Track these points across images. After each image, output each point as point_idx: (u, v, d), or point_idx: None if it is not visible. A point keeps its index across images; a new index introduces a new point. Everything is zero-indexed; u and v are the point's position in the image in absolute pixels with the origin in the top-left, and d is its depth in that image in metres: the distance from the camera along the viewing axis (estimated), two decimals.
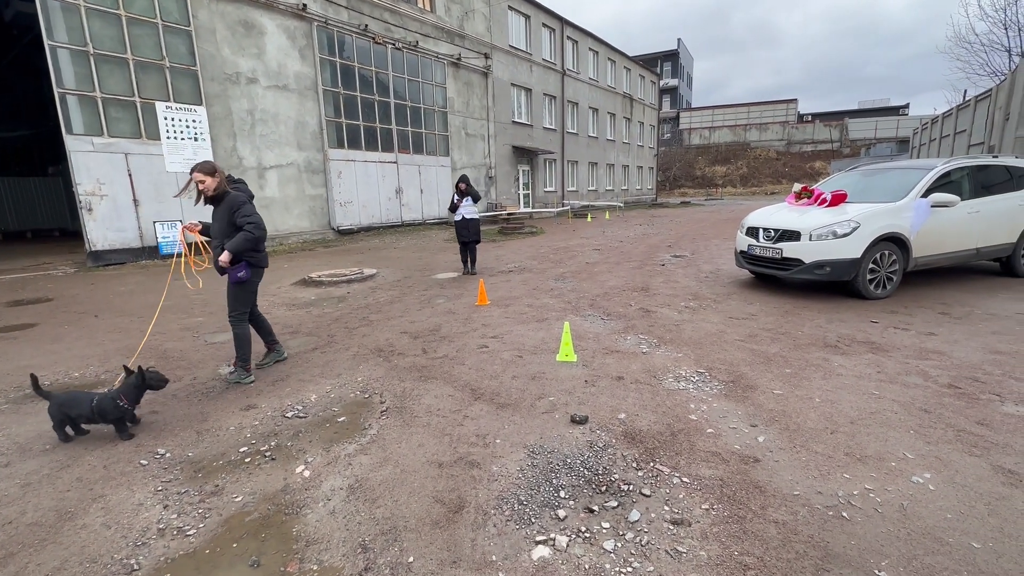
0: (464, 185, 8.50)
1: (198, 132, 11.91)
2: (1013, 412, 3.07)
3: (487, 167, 21.48)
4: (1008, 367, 3.77)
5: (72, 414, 3.03)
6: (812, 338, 4.61)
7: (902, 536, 2.04)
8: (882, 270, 5.85)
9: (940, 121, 20.00)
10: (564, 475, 2.57)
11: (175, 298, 7.41)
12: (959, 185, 6.27)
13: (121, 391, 3.10)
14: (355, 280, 8.37)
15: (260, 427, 3.23)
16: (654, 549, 2.03)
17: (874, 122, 54.50)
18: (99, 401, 3.02)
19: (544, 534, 2.13)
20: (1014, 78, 11.62)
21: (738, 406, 3.28)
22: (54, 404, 3.01)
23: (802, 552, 1.98)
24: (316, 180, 14.81)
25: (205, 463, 2.82)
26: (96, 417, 3.03)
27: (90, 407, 3.01)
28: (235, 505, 2.42)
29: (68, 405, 3.02)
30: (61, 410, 3.01)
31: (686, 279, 7.69)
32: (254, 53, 12.95)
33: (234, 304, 4.01)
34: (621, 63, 32.61)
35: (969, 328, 4.75)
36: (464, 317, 5.80)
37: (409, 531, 2.18)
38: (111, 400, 3.04)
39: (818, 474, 2.50)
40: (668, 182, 52.30)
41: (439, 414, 3.31)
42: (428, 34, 17.85)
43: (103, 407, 3.02)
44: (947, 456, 2.61)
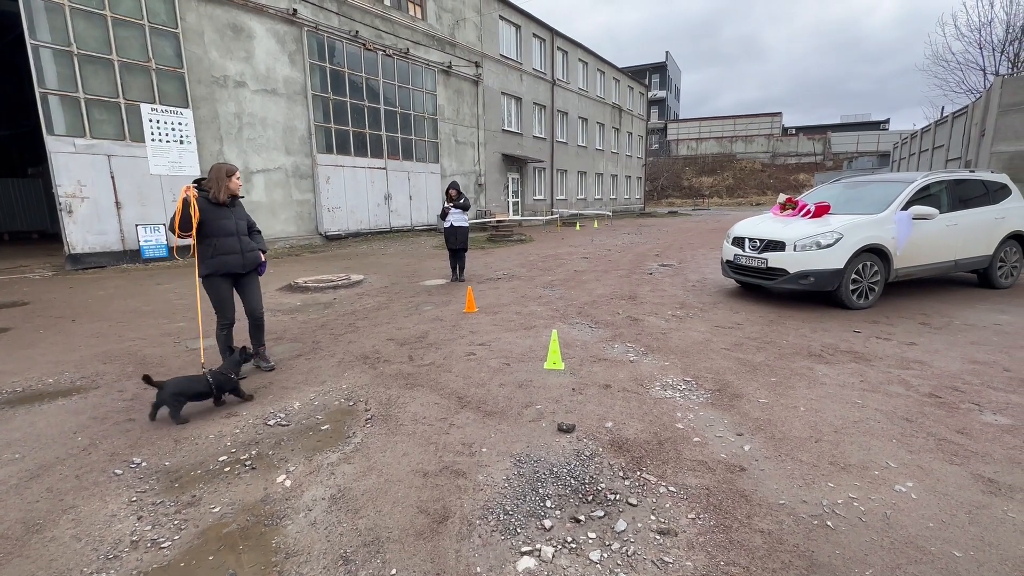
0: (454, 192, 8.42)
1: (184, 135, 11.76)
2: (992, 421, 3.12)
3: (477, 175, 21.52)
4: (986, 377, 3.84)
5: (190, 393, 3.39)
6: (797, 347, 4.66)
7: (886, 545, 2.05)
8: (864, 280, 5.95)
9: (919, 136, 20.52)
10: (550, 484, 2.54)
11: (156, 303, 7.26)
12: (938, 198, 6.42)
13: (227, 367, 3.60)
14: (342, 286, 8.29)
15: (241, 435, 3.16)
16: (640, 559, 2.01)
17: (856, 136, 55.82)
18: (215, 377, 3.49)
19: (530, 545, 2.10)
20: (989, 96, 11.98)
21: (724, 415, 3.29)
22: (168, 391, 3.30)
23: (787, 562, 1.97)
24: (304, 185, 14.70)
25: (182, 473, 2.74)
26: (214, 390, 3.47)
27: (208, 384, 3.44)
28: (212, 516, 2.35)
29: (185, 387, 3.37)
30: (176, 396, 3.31)
31: (673, 288, 7.74)
32: (242, 57, 12.86)
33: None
34: (610, 74, 33.02)
35: (948, 338, 4.84)
36: (452, 324, 5.76)
37: (392, 542, 2.13)
38: (223, 375, 3.53)
39: (803, 483, 2.50)
40: (656, 192, 52.87)
41: (425, 422, 3.27)
42: (419, 42, 17.90)
43: (220, 381, 3.51)
44: (929, 465, 2.64)
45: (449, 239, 8.53)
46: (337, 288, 8.17)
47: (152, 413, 3.35)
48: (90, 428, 3.28)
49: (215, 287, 3.97)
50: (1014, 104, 11.33)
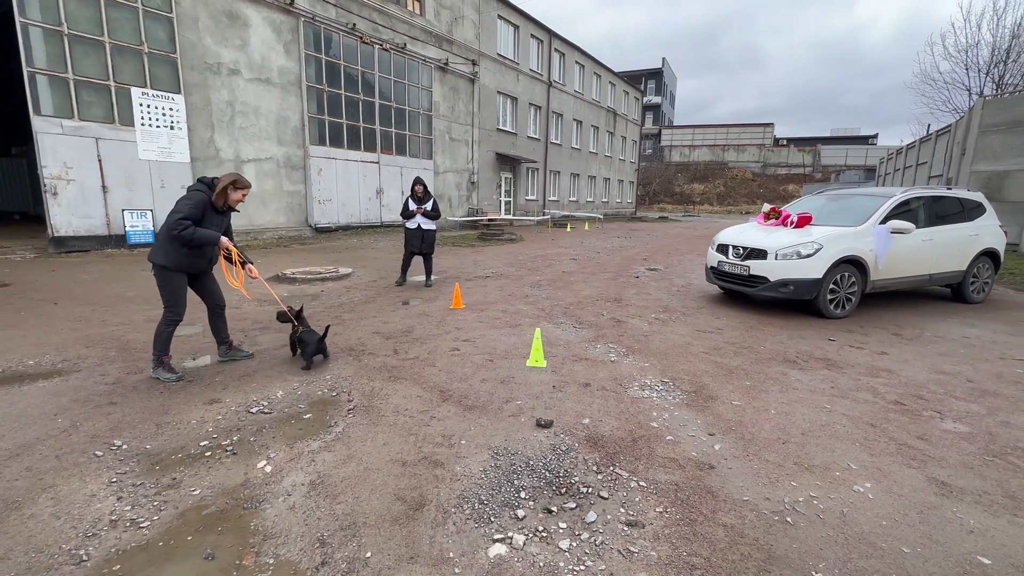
0: (420, 189, 7.62)
1: (175, 121, 11.64)
2: (951, 429, 3.27)
3: (470, 172, 21.55)
4: (950, 387, 4.00)
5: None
6: (773, 353, 4.79)
7: (840, 541, 2.16)
8: (842, 291, 6.11)
9: (904, 152, 20.98)
10: (526, 476, 2.62)
11: (141, 289, 7.22)
12: (915, 214, 6.61)
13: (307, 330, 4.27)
14: (330, 278, 8.29)
15: (223, 422, 3.19)
16: (607, 549, 2.10)
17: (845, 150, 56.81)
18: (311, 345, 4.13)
19: (502, 533, 2.18)
20: (971, 116, 12.32)
21: (698, 415, 3.40)
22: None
23: (747, 554, 2.07)
24: (295, 176, 14.62)
25: (163, 456, 2.77)
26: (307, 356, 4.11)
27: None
28: (192, 498, 2.39)
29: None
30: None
31: (658, 292, 7.87)
32: (237, 44, 12.76)
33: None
34: (606, 78, 33.21)
35: (918, 349, 5.01)
36: (438, 320, 5.82)
37: (368, 527, 2.19)
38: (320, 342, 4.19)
39: (767, 481, 2.61)
40: (648, 197, 53.27)
41: (406, 414, 3.33)
42: (416, 37, 17.88)
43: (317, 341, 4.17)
44: (887, 467, 2.76)
45: (414, 241, 7.70)
46: (325, 280, 8.18)
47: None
48: (71, 410, 3.29)
49: (171, 280, 3.75)
50: (994, 125, 11.66)
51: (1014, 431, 3.25)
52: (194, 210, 3.62)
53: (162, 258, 3.68)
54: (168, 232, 3.61)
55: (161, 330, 3.80)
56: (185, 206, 3.61)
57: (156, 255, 3.71)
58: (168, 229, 3.60)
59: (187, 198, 3.68)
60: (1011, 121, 11.32)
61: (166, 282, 3.75)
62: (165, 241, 3.67)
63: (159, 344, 3.81)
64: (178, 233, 3.54)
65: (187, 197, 3.69)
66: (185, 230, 3.54)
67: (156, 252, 3.71)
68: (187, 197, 3.69)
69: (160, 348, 3.81)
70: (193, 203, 3.63)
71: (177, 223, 3.53)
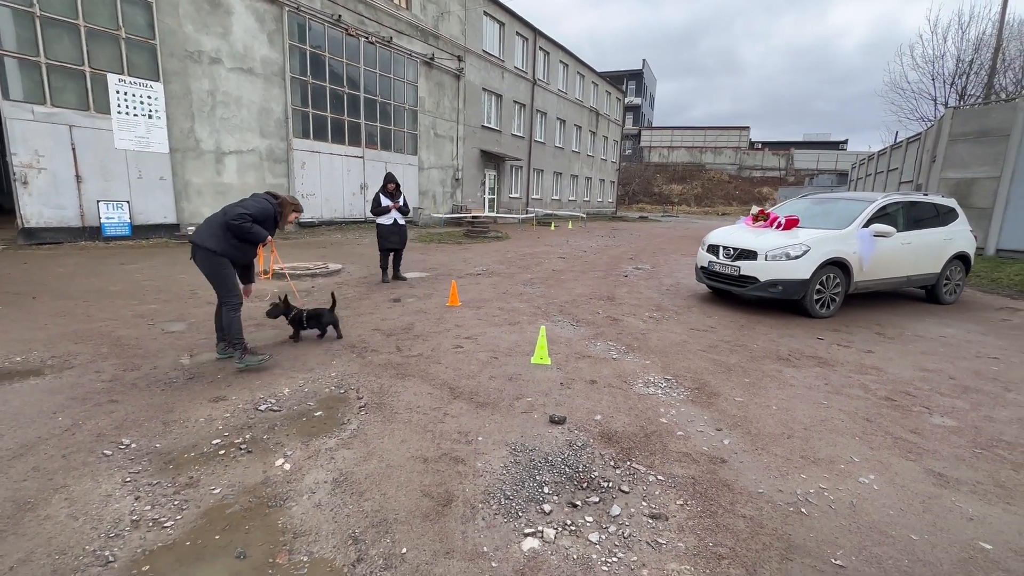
0: (393, 187, 7.65)
1: (153, 109, 11.26)
2: (940, 423, 3.44)
3: (455, 169, 21.45)
4: (935, 384, 4.21)
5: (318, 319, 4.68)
6: (766, 351, 4.95)
7: (853, 529, 2.27)
8: (827, 291, 6.34)
9: (876, 158, 21.77)
10: (547, 472, 2.66)
11: (123, 283, 6.98)
12: (894, 218, 6.90)
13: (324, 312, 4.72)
14: (320, 275, 8.17)
15: (232, 419, 3.14)
16: (636, 541, 2.15)
17: (817, 154, 58.51)
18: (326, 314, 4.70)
19: (532, 527, 2.21)
20: (941, 125, 12.87)
21: (704, 411, 3.50)
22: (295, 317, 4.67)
23: (768, 543, 2.16)
24: (278, 169, 14.31)
25: (175, 455, 2.72)
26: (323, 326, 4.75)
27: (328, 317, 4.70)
28: (213, 497, 2.36)
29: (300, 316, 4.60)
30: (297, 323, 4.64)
31: (649, 291, 8.01)
32: (219, 32, 12.41)
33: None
34: (589, 78, 33.44)
35: (901, 348, 5.24)
36: (436, 317, 5.81)
37: (400, 523, 2.20)
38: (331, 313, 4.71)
39: (778, 474, 2.71)
40: (628, 196, 53.89)
41: (419, 411, 3.33)
42: (402, 31, 17.69)
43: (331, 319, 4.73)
44: (887, 460, 2.90)
45: (390, 237, 7.71)
46: (315, 276, 8.05)
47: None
48: (70, 408, 3.19)
49: (221, 266, 3.90)
50: (962, 134, 12.22)
51: (997, 425, 3.44)
52: (259, 214, 3.95)
53: (213, 243, 3.83)
54: (226, 221, 3.82)
55: (232, 318, 3.95)
56: (252, 206, 3.94)
57: (207, 240, 3.83)
58: (228, 218, 3.81)
59: (257, 203, 4.00)
60: (978, 131, 11.89)
61: (217, 267, 3.88)
62: (219, 228, 3.86)
63: (235, 334, 3.95)
64: (238, 224, 3.80)
65: (258, 204, 4.00)
66: (245, 223, 3.82)
67: (207, 238, 3.84)
68: (258, 204, 4.00)
69: (237, 337, 3.95)
70: (261, 209, 3.98)
71: (240, 216, 3.81)
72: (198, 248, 3.83)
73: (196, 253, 3.86)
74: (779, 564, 2.04)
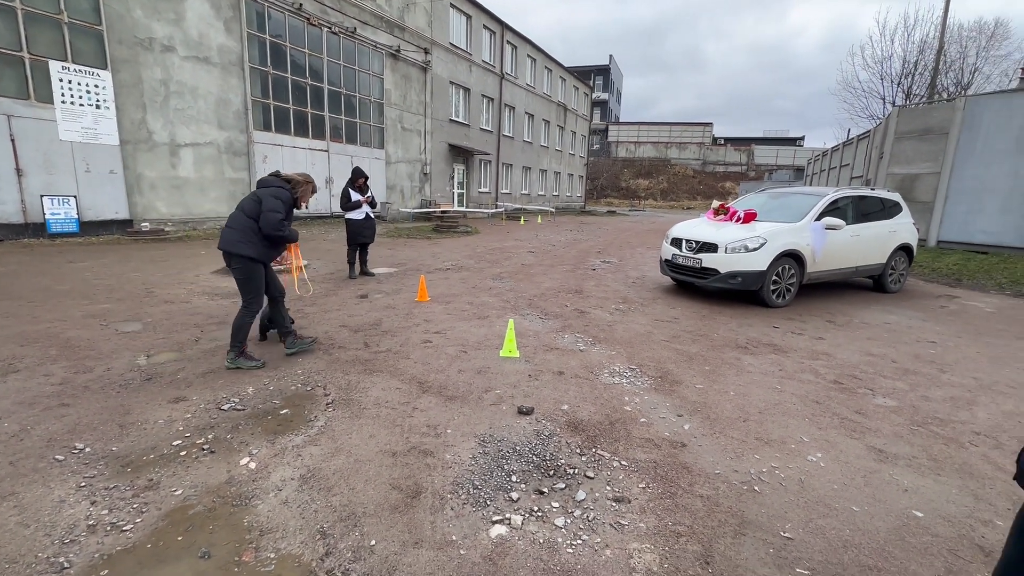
0: (363, 180, 7.63)
1: (101, 99, 10.69)
2: (882, 404, 3.69)
3: (423, 163, 21.22)
4: (879, 367, 4.49)
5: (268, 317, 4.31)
6: (726, 340, 5.16)
7: (801, 504, 2.42)
8: (783, 282, 6.63)
9: (829, 154, 22.76)
10: (514, 461, 2.72)
11: (72, 282, 6.65)
12: (844, 211, 7.26)
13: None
14: (284, 271, 7.97)
15: (193, 420, 3.06)
16: (600, 523, 2.24)
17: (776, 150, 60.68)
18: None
19: (500, 514, 2.27)
20: (887, 123, 13.57)
21: (666, 398, 3.63)
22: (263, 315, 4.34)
23: (724, 520, 2.28)
24: (238, 163, 13.83)
25: (133, 458, 2.64)
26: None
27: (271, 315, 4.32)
28: (175, 498, 2.31)
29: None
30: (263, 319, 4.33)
31: (615, 283, 8.18)
32: (171, 19, 11.86)
33: None
34: (557, 72, 33.59)
35: (849, 334, 5.55)
36: (405, 312, 5.78)
37: (368, 516, 2.21)
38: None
39: (734, 455, 2.86)
40: (596, 191, 54.56)
41: (388, 406, 3.34)
42: (367, 22, 17.32)
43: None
44: (833, 439, 3.10)
45: (364, 231, 7.66)
46: (280, 273, 7.84)
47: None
48: (17, 413, 3.04)
49: (256, 272, 3.88)
50: (907, 132, 12.92)
51: (932, 404, 3.71)
52: (287, 209, 3.90)
53: (251, 250, 3.77)
54: (270, 229, 3.74)
55: (244, 322, 3.88)
56: (280, 206, 3.81)
57: (243, 247, 3.74)
58: (268, 227, 3.74)
59: (277, 197, 3.83)
60: (922, 129, 12.59)
61: (252, 274, 3.85)
62: (252, 233, 3.78)
63: (240, 336, 3.88)
64: (279, 232, 3.77)
65: (276, 196, 3.83)
66: (284, 230, 3.82)
67: (242, 245, 3.74)
68: (276, 196, 3.83)
69: (241, 339, 3.89)
70: (284, 203, 3.87)
71: (280, 224, 3.77)
72: (233, 256, 3.76)
73: (230, 260, 3.79)
74: (733, 539, 2.16)
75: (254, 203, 3.81)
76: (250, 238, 3.77)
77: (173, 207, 12.47)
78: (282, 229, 3.79)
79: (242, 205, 3.85)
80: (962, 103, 11.94)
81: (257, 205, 3.79)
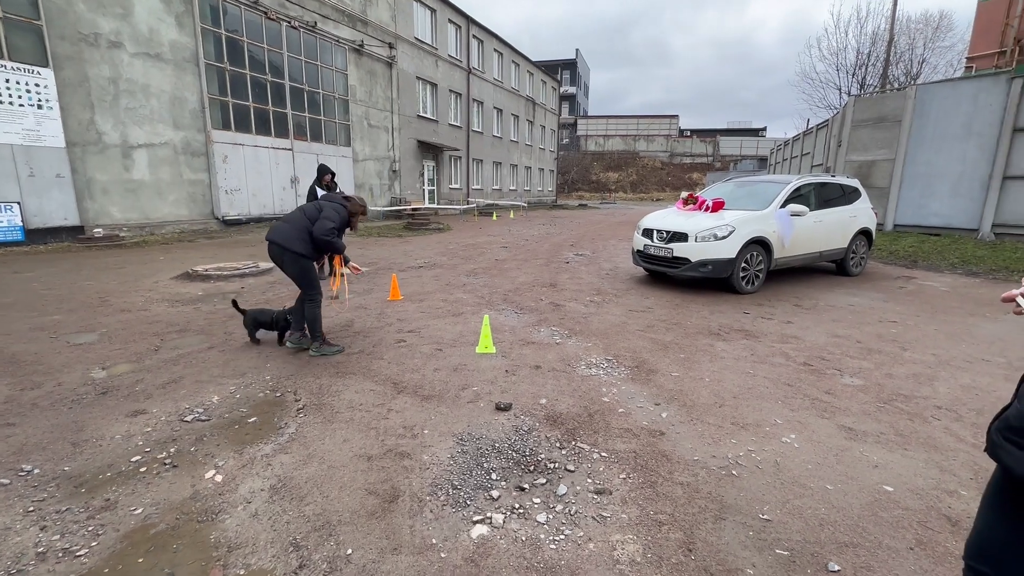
0: (329, 178, 7.59)
1: (43, 99, 10.07)
2: (849, 383, 3.79)
3: (391, 160, 20.86)
4: (845, 348, 4.62)
5: (262, 319, 4.40)
6: (699, 327, 5.23)
7: (777, 485, 2.46)
8: (752, 268, 6.78)
9: (791, 143, 23.42)
10: (494, 458, 2.67)
11: (17, 293, 6.26)
12: (807, 198, 7.46)
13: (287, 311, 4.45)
14: (250, 274, 7.71)
15: (154, 433, 2.90)
16: (582, 517, 2.22)
17: (739, 141, 62.15)
18: (276, 315, 4.39)
19: (481, 514, 2.22)
20: (844, 112, 14.03)
21: (643, 388, 3.64)
22: (249, 316, 4.43)
23: (704, 506, 2.29)
24: (197, 164, 13.28)
25: (88, 477, 2.48)
26: (273, 325, 4.40)
27: (271, 317, 4.38)
28: (135, 518, 2.18)
29: (258, 315, 4.44)
30: (255, 320, 4.42)
31: (589, 276, 8.21)
32: (118, 14, 11.25)
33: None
34: (524, 67, 33.51)
35: (816, 317, 5.71)
36: (377, 312, 5.65)
37: (344, 524, 2.13)
38: (283, 314, 4.39)
39: (711, 441, 2.88)
40: (567, 185, 54.82)
41: (362, 409, 3.24)
42: (328, 16, 16.85)
43: (278, 319, 4.38)
44: (806, 420, 3.16)
45: None
46: (244, 276, 7.59)
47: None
48: None
49: (310, 268, 4.20)
50: (862, 120, 13.38)
51: (896, 381, 3.84)
52: (341, 223, 4.22)
53: (302, 248, 4.08)
54: (320, 233, 4.03)
55: (315, 313, 4.22)
56: (337, 217, 4.15)
57: (296, 244, 4.05)
58: (319, 234, 4.03)
59: (336, 211, 4.17)
60: (876, 117, 13.06)
61: (307, 269, 4.17)
62: (306, 233, 4.09)
63: (316, 326, 4.24)
64: (328, 239, 4.06)
65: (336, 210, 4.17)
66: (333, 238, 4.10)
67: (295, 242, 4.06)
68: (336, 210, 4.17)
69: (318, 329, 4.25)
70: (341, 217, 4.20)
71: (331, 231, 4.07)
72: (285, 250, 4.03)
73: (282, 254, 4.06)
74: (714, 524, 2.17)
75: (316, 210, 4.18)
76: (304, 237, 4.08)
77: (128, 212, 11.89)
78: (331, 236, 4.06)
79: (304, 208, 4.25)
80: (913, 91, 12.43)
81: (318, 212, 4.15)
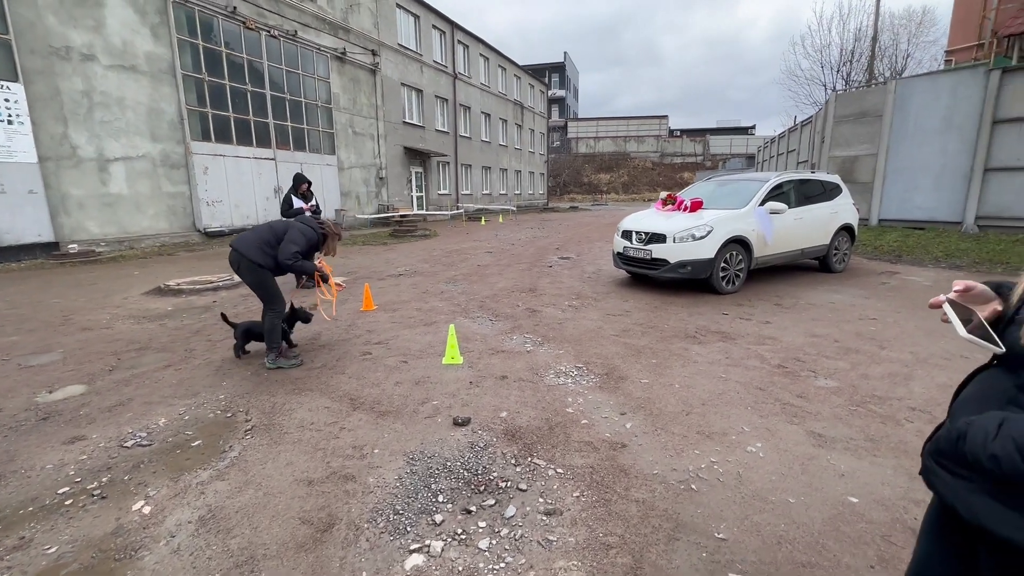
0: (306, 186, 7.55)
1: (13, 113, 9.89)
2: (823, 385, 3.68)
3: (378, 168, 20.73)
4: (822, 348, 4.52)
5: (256, 330, 4.21)
6: (675, 330, 5.11)
7: (738, 500, 2.33)
8: (731, 268, 6.68)
9: (777, 141, 23.45)
10: (443, 479, 2.54)
11: None
12: (788, 196, 7.38)
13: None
14: (223, 287, 7.56)
15: (89, 461, 2.75)
16: (527, 541, 2.09)
17: (729, 139, 62.37)
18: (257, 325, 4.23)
19: (419, 542, 2.08)
20: (827, 108, 14.02)
21: (610, 396, 3.52)
22: (240, 328, 4.28)
23: (657, 526, 2.17)
24: (176, 176, 13.11)
25: (8, 512, 2.33)
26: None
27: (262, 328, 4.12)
28: (47, 558, 2.03)
29: (252, 326, 4.26)
30: (247, 332, 4.28)
31: (571, 279, 8.09)
32: (90, 26, 11.10)
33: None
34: (511, 71, 33.49)
35: (795, 316, 5.61)
36: (347, 324, 5.51)
37: (269, 559, 1.99)
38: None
39: (674, 453, 2.76)
40: (558, 188, 54.79)
41: (312, 428, 3.10)
42: (308, 24, 16.74)
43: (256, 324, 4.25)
44: (774, 426, 3.04)
45: None
46: (218, 290, 7.43)
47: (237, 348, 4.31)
48: None
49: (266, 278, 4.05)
50: (845, 116, 13.37)
51: (871, 382, 3.73)
52: (307, 247, 4.09)
53: (261, 258, 3.94)
54: (282, 257, 3.91)
55: (274, 324, 4.08)
56: (303, 240, 4.01)
57: (253, 252, 3.91)
58: (282, 255, 3.91)
59: (303, 233, 4.04)
60: (858, 113, 13.05)
61: (263, 280, 4.01)
62: (268, 247, 3.96)
63: (275, 338, 4.11)
64: (290, 263, 3.93)
65: (303, 232, 4.05)
66: (296, 262, 3.96)
67: (254, 250, 3.92)
68: (303, 232, 4.05)
69: (276, 341, 4.13)
70: (308, 240, 4.07)
71: (294, 255, 3.93)
72: (243, 257, 3.90)
73: (239, 260, 3.93)
74: (666, 546, 2.05)
75: (285, 227, 4.07)
76: (264, 249, 3.96)
77: (106, 226, 11.71)
78: (292, 260, 3.92)
79: (273, 224, 4.14)
80: (893, 86, 12.43)
81: (285, 230, 4.03)
